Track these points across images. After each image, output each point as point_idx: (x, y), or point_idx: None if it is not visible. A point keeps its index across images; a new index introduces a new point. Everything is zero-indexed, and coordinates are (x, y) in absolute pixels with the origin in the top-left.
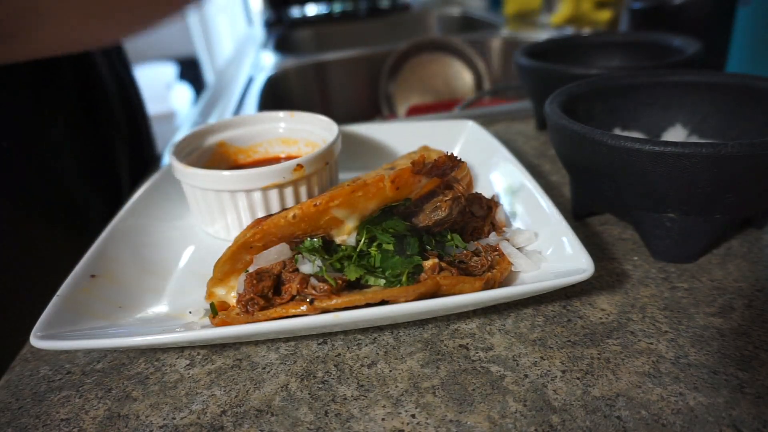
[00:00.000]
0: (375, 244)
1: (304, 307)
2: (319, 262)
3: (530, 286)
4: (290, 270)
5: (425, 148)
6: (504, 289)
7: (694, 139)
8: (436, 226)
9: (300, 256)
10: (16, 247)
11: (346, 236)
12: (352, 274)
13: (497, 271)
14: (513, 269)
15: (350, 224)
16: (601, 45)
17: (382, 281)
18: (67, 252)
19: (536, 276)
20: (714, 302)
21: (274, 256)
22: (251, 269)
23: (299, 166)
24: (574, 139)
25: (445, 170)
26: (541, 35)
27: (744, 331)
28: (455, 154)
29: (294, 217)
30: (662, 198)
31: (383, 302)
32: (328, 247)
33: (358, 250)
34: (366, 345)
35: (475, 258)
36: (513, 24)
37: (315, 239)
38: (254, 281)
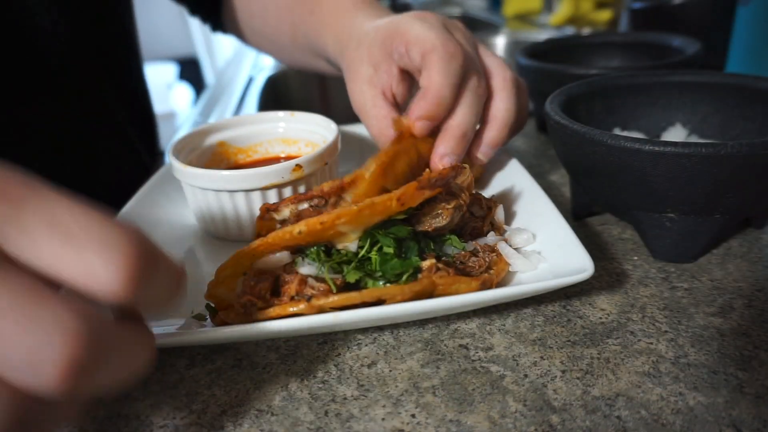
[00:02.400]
0: (376, 247)
1: (302, 306)
2: (319, 265)
3: (530, 286)
4: (289, 272)
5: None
6: (504, 289)
7: (694, 139)
8: (436, 231)
9: (300, 258)
10: None
11: (348, 243)
12: (351, 276)
13: (494, 272)
14: (511, 269)
15: (354, 235)
16: (601, 45)
17: (381, 283)
18: None
19: (536, 276)
20: (714, 302)
21: (274, 261)
22: (250, 271)
23: (298, 166)
24: (573, 139)
25: (449, 180)
26: (541, 35)
27: (744, 330)
28: None
29: (300, 233)
30: (662, 198)
31: (380, 301)
32: (328, 251)
33: (360, 256)
34: (366, 345)
35: (473, 258)
36: (513, 24)
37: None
38: (252, 283)
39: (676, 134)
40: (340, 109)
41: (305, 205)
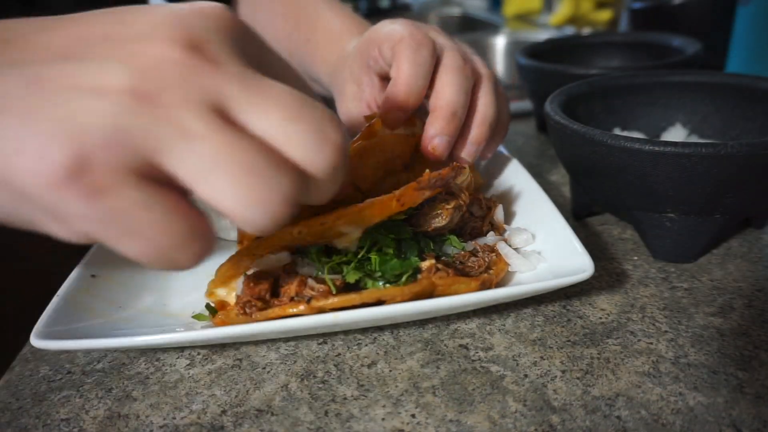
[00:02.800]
0: (375, 248)
1: (302, 307)
2: (319, 266)
3: (530, 286)
4: (289, 272)
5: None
6: (504, 290)
7: (694, 139)
8: (435, 231)
9: (299, 258)
10: (15, 246)
11: (348, 244)
12: (351, 277)
13: (494, 272)
14: (510, 269)
15: (354, 235)
16: (601, 45)
17: (381, 283)
18: (67, 252)
19: (536, 276)
20: (714, 302)
21: (273, 261)
22: (250, 272)
23: None
24: (573, 139)
25: (448, 180)
26: (541, 35)
27: (744, 331)
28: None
29: (300, 233)
30: (662, 198)
31: (380, 302)
32: (328, 251)
33: (360, 256)
34: (366, 345)
35: (473, 258)
36: (513, 24)
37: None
38: (251, 284)
39: (676, 134)
40: None
41: None
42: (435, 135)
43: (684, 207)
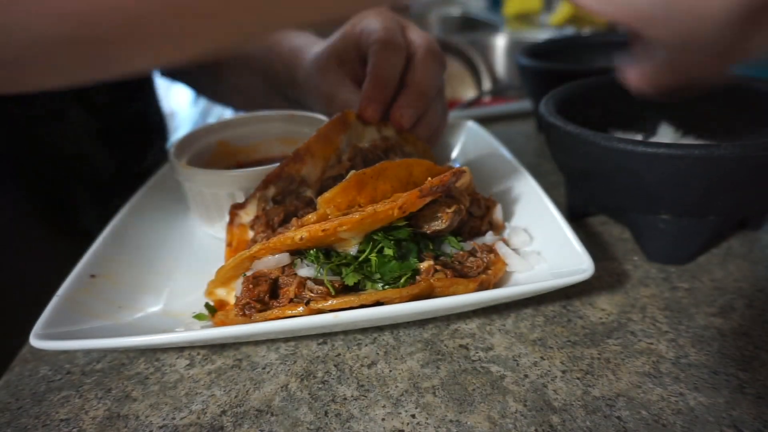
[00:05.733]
0: (375, 249)
1: (300, 308)
2: (318, 267)
3: (530, 286)
4: (288, 274)
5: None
6: (504, 290)
7: (690, 140)
8: (434, 233)
9: (299, 260)
10: (15, 247)
11: (348, 248)
12: (350, 279)
13: (492, 272)
14: (508, 269)
15: (354, 240)
16: (601, 45)
17: (380, 285)
18: (67, 252)
19: (536, 276)
20: (714, 302)
21: (273, 263)
22: (249, 273)
23: None
24: (567, 140)
25: (449, 185)
26: (541, 35)
27: (744, 331)
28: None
29: (302, 239)
30: (656, 199)
31: (378, 304)
32: (327, 252)
33: (360, 259)
34: (366, 345)
35: (471, 258)
36: (513, 24)
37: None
38: (251, 286)
39: (672, 135)
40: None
41: (272, 190)
42: (403, 106)
43: (678, 208)
